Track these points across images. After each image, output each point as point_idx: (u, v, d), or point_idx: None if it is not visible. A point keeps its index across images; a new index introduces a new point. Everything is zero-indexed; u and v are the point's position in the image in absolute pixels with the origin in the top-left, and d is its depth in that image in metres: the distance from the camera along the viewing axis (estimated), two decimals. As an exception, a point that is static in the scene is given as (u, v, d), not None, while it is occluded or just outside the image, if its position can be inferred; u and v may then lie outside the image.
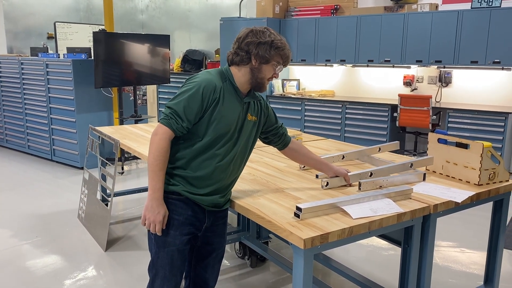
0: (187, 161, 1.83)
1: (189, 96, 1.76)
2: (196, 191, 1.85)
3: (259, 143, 2.13)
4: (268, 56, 1.82)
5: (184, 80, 1.87)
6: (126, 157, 5.69)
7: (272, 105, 7.01)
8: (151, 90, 8.78)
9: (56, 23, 7.82)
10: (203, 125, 1.80)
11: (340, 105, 6.51)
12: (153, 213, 1.77)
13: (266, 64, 1.84)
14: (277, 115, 2.13)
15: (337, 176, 2.14)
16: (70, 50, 5.79)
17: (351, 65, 6.84)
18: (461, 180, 2.23)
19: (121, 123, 5.63)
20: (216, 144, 1.83)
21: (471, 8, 5.62)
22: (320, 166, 2.18)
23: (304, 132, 6.40)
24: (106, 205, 3.66)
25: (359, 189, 2.06)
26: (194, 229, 1.92)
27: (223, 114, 1.81)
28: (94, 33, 5.27)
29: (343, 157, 2.53)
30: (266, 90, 1.94)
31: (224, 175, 1.88)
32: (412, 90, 6.44)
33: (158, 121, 1.82)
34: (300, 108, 6.87)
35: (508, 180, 2.23)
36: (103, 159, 3.80)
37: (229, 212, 4.43)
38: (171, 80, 6.47)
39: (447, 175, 2.31)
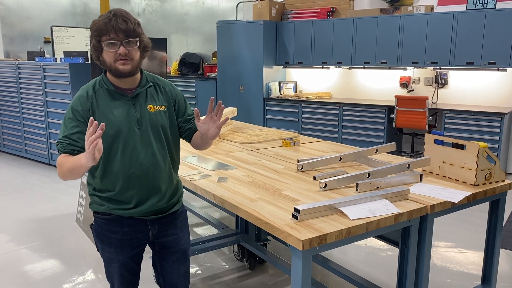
0: (100, 181, 1.80)
1: (66, 120, 1.75)
2: (124, 206, 1.79)
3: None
4: (96, 45, 1.72)
5: (181, 83, 1.82)
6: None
7: (269, 108, 6.99)
8: (148, 93, 8.76)
9: (53, 27, 7.80)
10: None
11: (337, 107, 6.53)
12: (89, 154, 1.50)
13: (102, 51, 1.73)
14: (275, 117, 2.08)
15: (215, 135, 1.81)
16: (67, 54, 5.81)
17: (348, 67, 6.87)
18: (458, 180, 2.24)
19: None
20: (117, 152, 1.75)
21: (466, 9, 5.66)
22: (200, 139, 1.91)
23: (302, 134, 6.41)
24: (104, 208, 3.66)
25: (357, 190, 2.07)
26: (138, 242, 1.87)
27: (104, 121, 1.68)
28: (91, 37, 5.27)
29: (340, 158, 2.54)
30: (127, 70, 1.73)
31: (145, 179, 1.78)
32: (408, 92, 6.46)
33: None
34: (297, 110, 6.88)
35: (504, 180, 2.25)
36: (101, 162, 3.79)
37: (227, 214, 4.41)
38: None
39: (443, 176, 2.33)
